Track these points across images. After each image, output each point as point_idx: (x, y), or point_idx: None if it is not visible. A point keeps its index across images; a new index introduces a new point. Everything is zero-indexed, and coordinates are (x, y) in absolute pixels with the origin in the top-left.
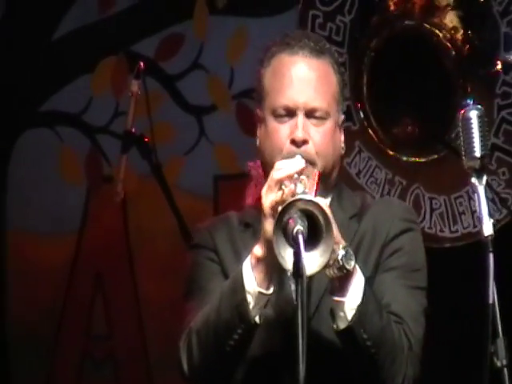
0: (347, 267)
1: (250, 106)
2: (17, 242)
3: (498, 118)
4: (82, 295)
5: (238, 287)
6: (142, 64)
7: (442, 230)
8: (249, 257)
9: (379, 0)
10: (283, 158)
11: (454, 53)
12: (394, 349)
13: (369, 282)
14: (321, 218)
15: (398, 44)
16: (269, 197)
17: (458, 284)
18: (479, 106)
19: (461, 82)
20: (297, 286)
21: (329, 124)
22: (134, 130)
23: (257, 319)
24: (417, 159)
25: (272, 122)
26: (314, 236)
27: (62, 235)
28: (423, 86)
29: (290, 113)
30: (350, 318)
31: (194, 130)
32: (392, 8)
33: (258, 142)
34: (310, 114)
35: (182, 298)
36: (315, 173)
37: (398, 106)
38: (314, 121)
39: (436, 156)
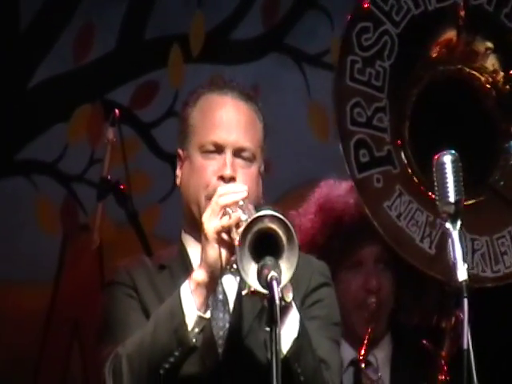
0: (286, 299)
1: None
2: None
3: None
4: (59, 343)
5: (176, 311)
6: (117, 111)
7: (483, 271)
8: (186, 282)
9: (420, 46)
10: (208, 194)
11: (494, 94)
12: None
13: None
14: (283, 235)
15: (439, 89)
16: (213, 222)
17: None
18: (453, 152)
19: (503, 125)
20: (271, 332)
21: (254, 168)
22: (109, 177)
23: (194, 342)
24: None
25: (199, 159)
26: (277, 253)
27: (38, 283)
28: (465, 130)
29: (219, 149)
30: (285, 351)
31: (169, 177)
32: (434, 54)
33: (178, 181)
34: (237, 153)
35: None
36: (250, 204)
37: (440, 150)
38: (240, 161)
39: (476, 200)
